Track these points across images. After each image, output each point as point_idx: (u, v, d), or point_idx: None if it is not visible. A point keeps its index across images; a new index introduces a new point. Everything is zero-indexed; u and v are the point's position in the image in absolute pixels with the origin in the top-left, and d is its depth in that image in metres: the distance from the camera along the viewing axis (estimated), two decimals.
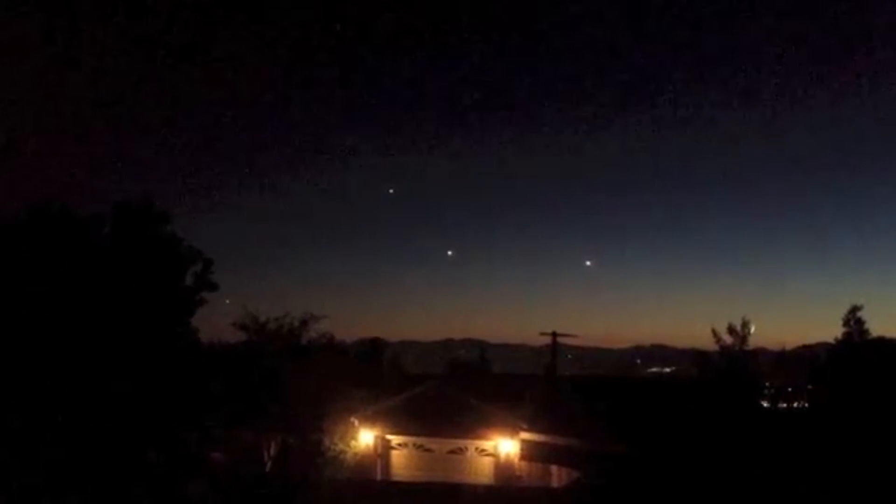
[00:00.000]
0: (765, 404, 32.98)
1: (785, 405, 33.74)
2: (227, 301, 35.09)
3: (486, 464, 32.76)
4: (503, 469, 32.32)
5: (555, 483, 31.54)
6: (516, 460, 32.41)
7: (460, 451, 33.00)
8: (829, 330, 30.20)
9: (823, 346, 32.52)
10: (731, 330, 30.45)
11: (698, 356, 32.33)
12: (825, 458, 24.95)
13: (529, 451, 32.32)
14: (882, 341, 28.89)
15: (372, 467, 32.92)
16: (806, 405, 33.40)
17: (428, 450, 33.17)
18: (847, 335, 29.08)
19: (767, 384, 33.00)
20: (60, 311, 24.42)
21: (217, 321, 34.33)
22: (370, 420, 32.84)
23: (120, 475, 24.14)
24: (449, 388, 34.22)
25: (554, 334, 53.29)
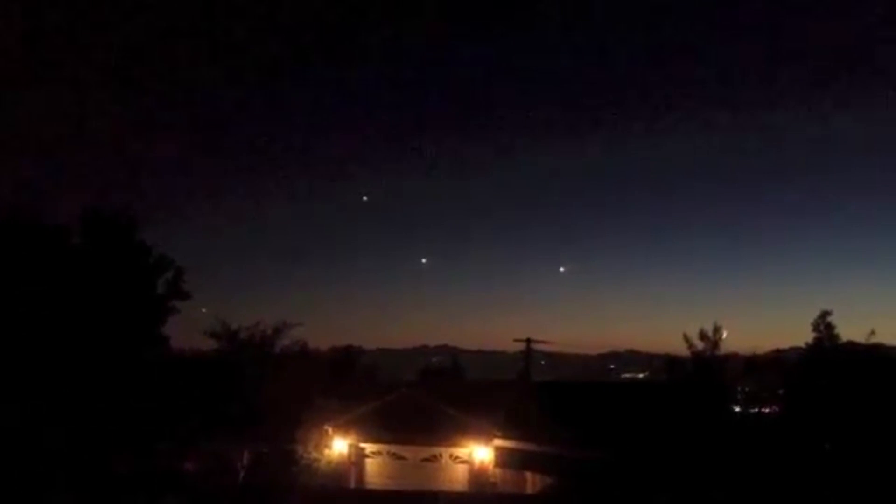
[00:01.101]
0: (737, 409, 33.18)
1: (756, 410, 33.96)
2: (204, 310, 34.89)
3: (461, 471, 32.72)
4: (478, 476, 32.30)
5: (529, 489, 31.55)
6: (491, 467, 32.40)
7: (434, 458, 32.95)
8: (799, 335, 30.47)
9: (795, 350, 32.77)
10: (702, 335, 30.64)
11: (668, 361, 32.50)
12: (796, 462, 25.17)
13: (504, 458, 32.31)
14: (851, 346, 29.17)
15: (346, 475, 32.78)
16: (777, 409, 33.65)
17: (402, 457, 33.09)
18: (817, 340, 29.34)
19: (739, 389, 33.21)
20: (27, 320, 24.12)
21: (193, 330, 34.09)
22: (344, 428, 32.70)
23: (91, 486, 23.85)
24: (422, 395, 34.17)
25: (528, 341, 53.43)
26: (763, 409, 32.78)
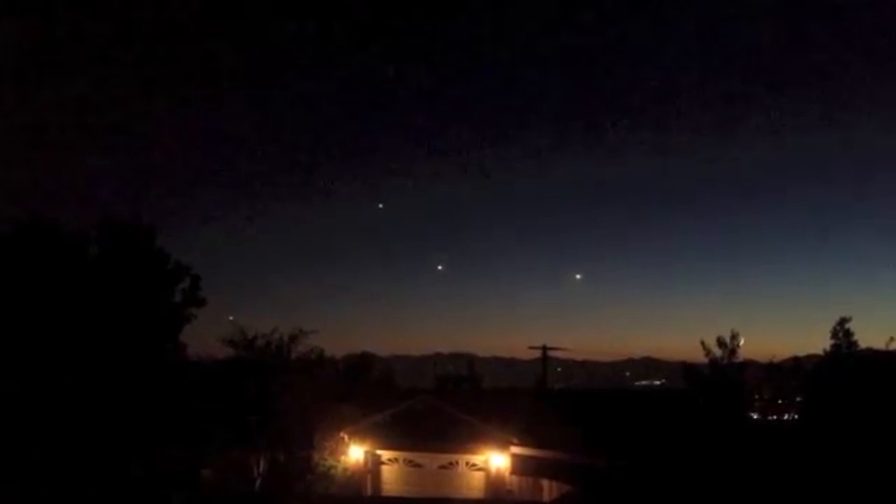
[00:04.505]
0: (755, 416, 33.04)
1: (775, 417, 33.80)
2: (231, 318, 35.06)
3: (477, 478, 32.62)
4: (494, 483, 32.18)
5: (546, 497, 31.39)
6: (507, 474, 32.28)
7: (451, 465, 32.85)
8: (817, 342, 30.31)
9: (812, 357, 32.58)
10: (720, 342, 30.51)
11: (686, 369, 32.35)
12: (814, 470, 24.98)
13: (520, 466, 32.20)
14: (870, 353, 28.99)
15: (362, 483, 32.74)
16: (795, 416, 33.46)
17: (418, 465, 33.02)
18: (835, 347, 29.17)
19: (757, 396, 33.07)
20: (46, 326, 24.30)
21: (210, 337, 34.26)
22: (360, 435, 32.68)
23: (107, 491, 23.96)
24: (439, 402, 34.09)
25: (544, 348, 53.28)
26: (782, 417, 32.63)
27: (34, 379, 23.70)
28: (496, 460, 32.25)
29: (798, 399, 32.75)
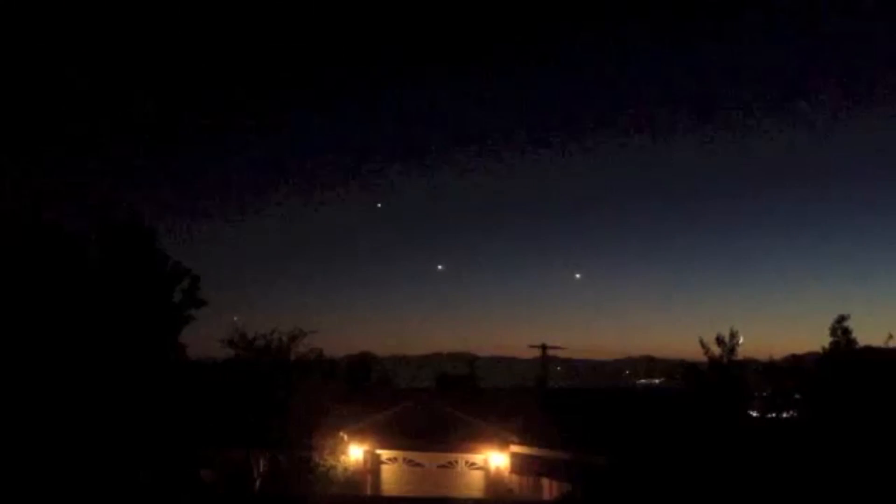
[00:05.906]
0: (754, 414, 33.02)
1: (774, 415, 33.77)
2: (236, 318, 35.05)
3: (477, 477, 32.69)
4: (494, 483, 32.26)
5: (546, 496, 31.48)
6: (507, 474, 32.36)
7: (450, 465, 32.92)
8: (816, 340, 30.29)
9: (812, 355, 32.57)
10: (719, 341, 30.51)
11: (686, 367, 32.35)
12: (813, 468, 25.02)
13: (520, 465, 32.27)
14: (869, 350, 28.99)
15: (362, 482, 32.81)
16: (794, 414, 33.45)
17: (418, 464, 33.09)
18: (834, 345, 29.17)
19: (756, 394, 33.06)
20: (45, 327, 24.31)
21: (210, 338, 34.24)
22: (360, 435, 32.74)
23: (109, 494, 23.98)
24: (438, 402, 34.17)
25: (544, 347, 53.39)
26: (781, 415, 32.61)
27: (34, 381, 23.71)
28: (495, 459, 32.32)
29: (797, 397, 32.71)
